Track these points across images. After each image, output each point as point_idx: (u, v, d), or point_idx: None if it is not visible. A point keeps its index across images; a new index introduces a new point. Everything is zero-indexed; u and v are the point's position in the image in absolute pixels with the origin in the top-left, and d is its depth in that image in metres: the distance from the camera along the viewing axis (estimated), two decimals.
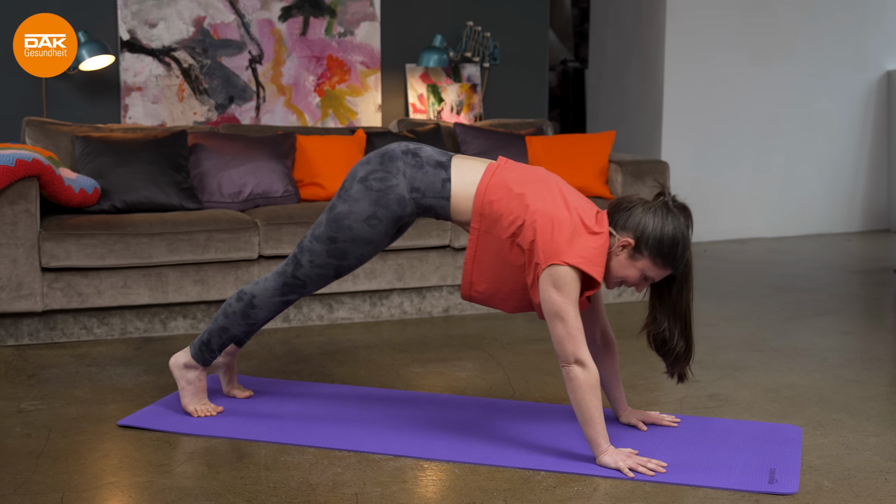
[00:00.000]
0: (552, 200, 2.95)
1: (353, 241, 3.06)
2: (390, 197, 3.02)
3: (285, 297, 3.22)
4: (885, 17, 7.45)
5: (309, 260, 3.12)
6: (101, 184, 4.54)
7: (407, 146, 3.09)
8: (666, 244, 2.90)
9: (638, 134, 7.28)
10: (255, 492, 2.74)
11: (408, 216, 3.07)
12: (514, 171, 3.03)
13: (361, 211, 3.03)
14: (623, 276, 2.97)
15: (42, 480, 2.80)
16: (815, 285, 5.61)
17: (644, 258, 2.93)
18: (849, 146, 7.47)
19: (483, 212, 2.98)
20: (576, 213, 2.94)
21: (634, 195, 3.03)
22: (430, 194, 3.02)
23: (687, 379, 3.13)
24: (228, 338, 3.29)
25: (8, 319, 4.24)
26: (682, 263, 2.94)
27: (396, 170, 3.03)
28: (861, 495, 2.76)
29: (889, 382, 3.85)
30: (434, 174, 3.02)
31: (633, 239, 2.92)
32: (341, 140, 5.15)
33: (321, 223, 3.10)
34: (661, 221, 2.91)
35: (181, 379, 3.33)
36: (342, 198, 3.06)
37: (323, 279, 3.16)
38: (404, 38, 6.09)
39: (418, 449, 3.06)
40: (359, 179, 3.05)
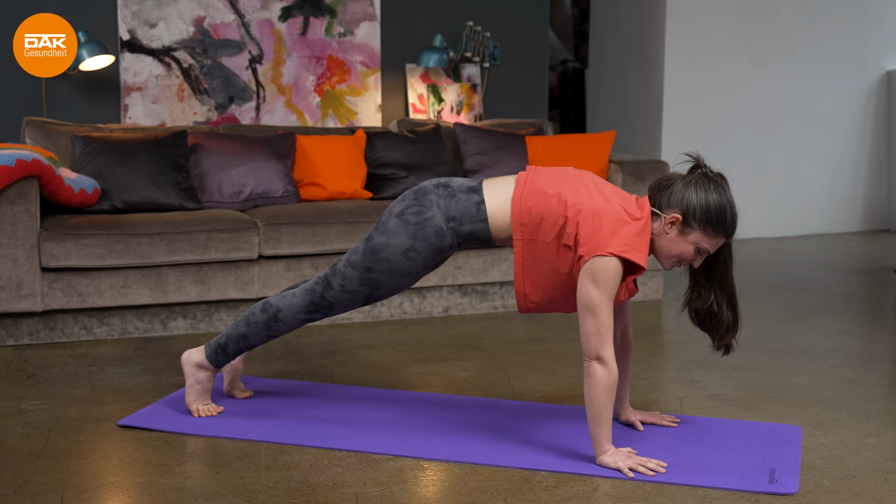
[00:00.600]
0: (588, 194, 2.96)
1: (389, 272, 3.07)
2: (427, 229, 3.03)
3: (310, 316, 3.21)
4: (885, 17, 7.45)
5: (340, 284, 3.13)
6: (101, 184, 4.54)
7: (438, 180, 3.12)
8: (714, 213, 2.92)
9: (638, 134, 7.28)
10: (255, 492, 2.74)
11: (447, 248, 3.07)
12: (544, 175, 3.05)
13: (399, 244, 3.04)
14: (677, 253, 2.98)
15: (42, 480, 2.80)
16: (815, 285, 5.61)
17: (695, 231, 2.94)
18: (849, 146, 7.47)
19: (522, 220, 2.99)
20: (615, 203, 2.95)
21: (672, 173, 3.04)
22: (466, 220, 3.03)
23: (732, 350, 3.14)
24: (246, 346, 3.27)
25: (8, 319, 4.24)
26: (733, 229, 2.96)
27: (430, 202, 3.05)
28: (861, 495, 2.76)
29: (889, 382, 3.85)
30: (467, 199, 3.04)
31: (679, 214, 2.93)
32: (341, 140, 5.15)
33: (358, 251, 3.10)
34: (704, 192, 2.93)
35: (191, 377, 3.32)
36: (380, 230, 3.07)
37: (351, 304, 3.16)
38: (404, 38, 6.09)
39: (418, 449, 3.06)
40: (395, 214, 3.07)
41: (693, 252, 2.97)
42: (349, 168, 5.03)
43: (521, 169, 5.28)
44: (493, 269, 4.93)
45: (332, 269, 3.15)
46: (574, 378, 3.84)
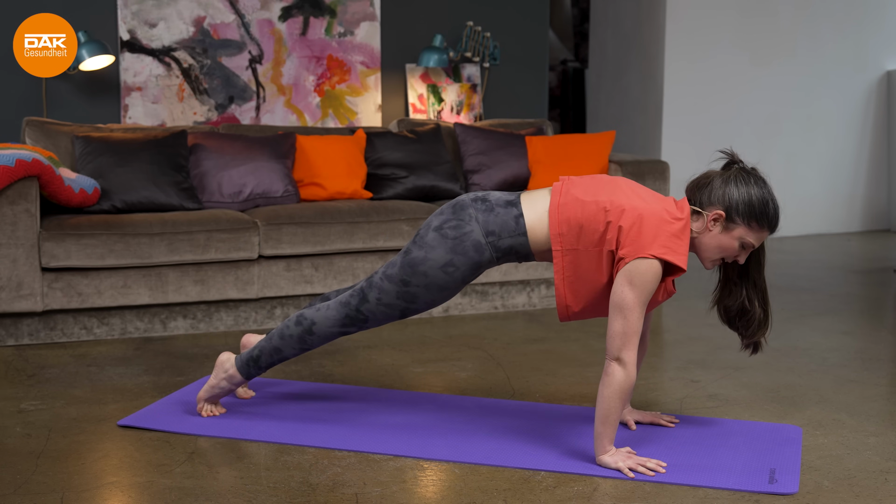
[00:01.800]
0: (626, 197, 2.96)
1: (426, 286, 3.06)
2: (466, 244, 3.02)
3: (345, 329, 3.19)
4: (885, 17, 7.45)
5: (377, 297, 3.11)
6: (101, 184, 4.54)
7: (476, 194, 3.11)
8: (757, 206, 2.93)
9: (638, 134, 7.28)
10: (255, 492, 2.74)
11: (486, 262, 3.06)
12: (579, 185, 3.04)
13: (438, 258, 3.03)
14: (722, 249, 2.97)
15: (42, 480, 2.80)
16: (815, 285, 5.61)
17: (739, 226, 2.94)
18: (849, 146, 7.47)
19: (561, 231, 2.97)
20: (655, 204, 2.95)
21: (709, 171, 3.04)
22: (505, 234, 3.02)
23: (761, 349, 3.16)
24: (279, 358, 3.25)
25: (8, 319, 4.24)
26: (777, 221, 2.96)
27: (469, 217, 3.04)
28: (861, 495, 2.76)
29: (889, 382, 3.85)
30: (506, 213, 3.03)
31: (722, 210, 2.93)
32: (341, 140, 5.15)
33: (395, 264, 3.09)
34: (746, 186, 2.94)
35: (219, 378, 3.28)
36: (417, 244, 3.06)
37: (386, 318, 3.15)
38: (404, 38, 6.09)
39: (418, 449, 3.06)
40: (434, 228, 3.06)
41: (738, 248, 2.97)
42: (349, 168, 5.03)
43: (521, 169, 5.28)
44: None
45: (369, 282, 3.14)
46: (574, 378, 3.85)
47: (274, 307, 4.62)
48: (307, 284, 4.62)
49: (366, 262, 4.71)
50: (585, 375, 3.85)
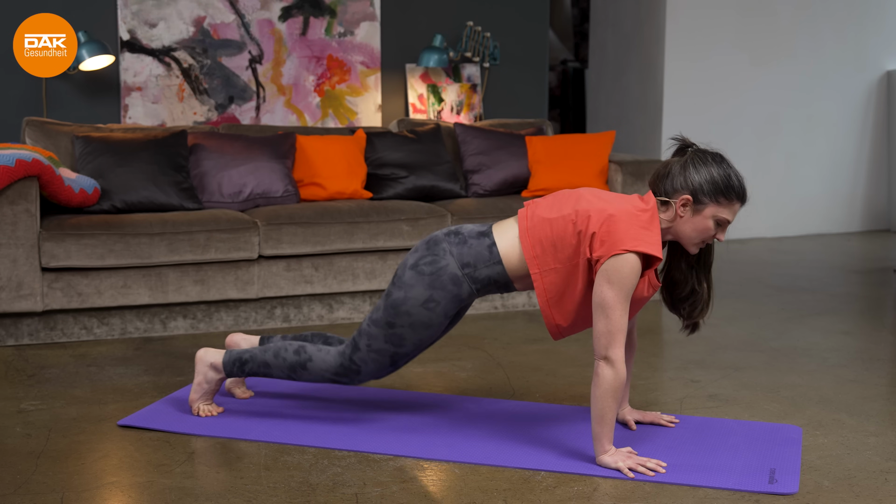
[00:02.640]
0: (589, 203, 2.98)
1: (411, 326, 3.08)
2: (444, 278, 3.05)
3: (337, 378, 3.20)
4: (885, 18, 7.45)
5: (367, 344, 3.13)
6: (101, 184, 4.54)
7: (448, 229, 3.14)
8: (720, 182, 2.94)
9: (638, 134, 7.28)
10: (255, 492, 2.74)
11: (466, 295, 3.08)
12: (543, 205, 3.08)
13: (418, 296, 3.05)
14: (699, 232, 2.98)
15: (42, 480, 2.80)
16: (815, 285, 5.61)
17: (708, 205, 2.95)
18: (849, 146, 7.47)
19: (535, 252, 3.00)
20: (619, 203, 2.97)
21: (666, 160, 3.06)
22: (481, 264, 3.05)
23: (699, 328, 3.17)
24: (264, 373, 3.26)
25: (8, 319, 4.24)
26: (744, 191, 2.97)
27: (443, 251, 3.07)
28: (861, 495, 2.77)
29: (889, 382, 3.85)
30: (478, 244, 3.06)
31: (688, 195, 2.95)
32: (341, 140, 5.14)
33: (379, 308, 3.11)
34: (704, 166, 2.96)
35: (201, 375, 3.30)
36: (396, 285, 3.08)
37: (378, 366, 3.15)
38: (404, 38, 6.09)
39: (418, 449, 3.06)
40: (410, 266, 3.08)
41: (713, 226, 2.98)
42: (349, 168, 5.03)
43: (521, 169, 5.28)
44: None
45: (358, 331, 3.16)
46: (574, 378, 3.85)
47: (274, 307, 4.63)
48: (307, 284, 4.62)
49: (366, 262, 4.71)
50: (585, 375, 3.85)
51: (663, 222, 3.00)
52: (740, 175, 2.99)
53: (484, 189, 5.26)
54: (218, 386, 3.34)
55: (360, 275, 4.71)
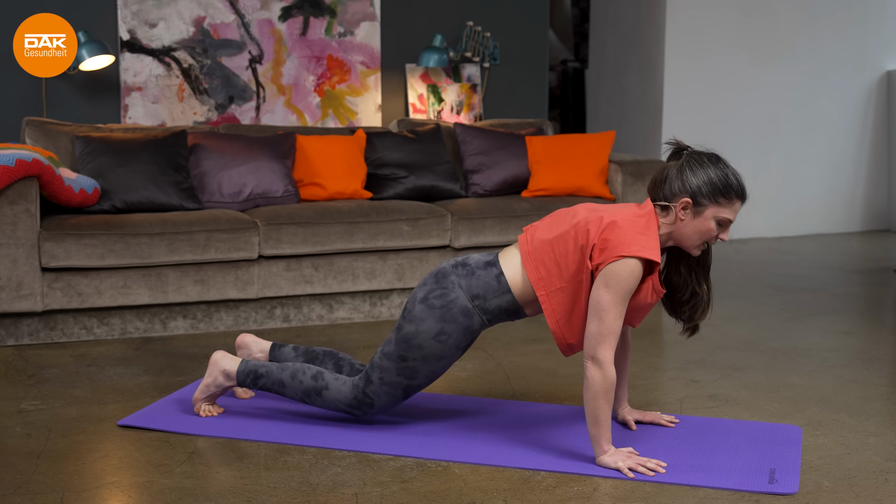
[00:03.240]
0: (585, 217, 2.99)
1: (424, 359, 3.09)
2: (454, 310, 3.05)
3: (350, 410, 3.21)
4: (885, 17, 7.45)
5: (379, 377, 3.14)
6: (101, 184, 4.54)
7: (455, 260, 3.15)
8: (719, 182, 2.94)
9: (638, 134, 7.28)
10: (255, 492, 2.74)
11: (477, 326, 3.09)
12: (541, 226, 3.09)
13: (429, 329, 3.06)
14: (700, 234, 2.98)
15: (42, 480, 2.80)
16: (815, 285, 5.61)
17: (708, 206, 2.95)
18: (849, 146, 7.47)
19: (540, 275, 3.01)
20: (615, 212, 2.98)
21: (662, 164, 3.06)
22: (490, 295, 3.06)
23: (698, 331, 3.18)
24: (278, 391, 3.26)
25: (8, 319, 4.24)
26: (743, 189, 2.97)
27: (452, 284, 3.07)
28: (861, 495, 2.77)
29: (889, 382, 3.85)
30: (486, 275, 3.07)
31: (688, 197, 2.95)
32: (341, 140, 5.14)
33: (390, 341, 3.12)
34: (701, 167, 2.96)
35: (211, 377, 3.30)
36: (407, 319, 3.09)
37: (390, 399, 3.16)
38: (404, 38, 6.09)
39: (418, 449, 3.06)
40: (420, 300, 3.08)
41: (715, 227, 2.98)
42: (349, 168, 5.03)
43: (521, 169, 5.28)
44: None
45: (370, 364, 3.16)
46: (574, 378, 3.85)
47: (274, 307, 4.63)
48: (307, 284, 4.62)
49: (366, 262, 4.71)
50: None
51: (664, 227, 2.99)
52: (738, 173, 2.99)
53: (484, 189, 5.26)
54: (224, 391, 3.34)
55: (360, 275, 4.71)
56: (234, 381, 3.28)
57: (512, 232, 4.92)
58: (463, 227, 4.85)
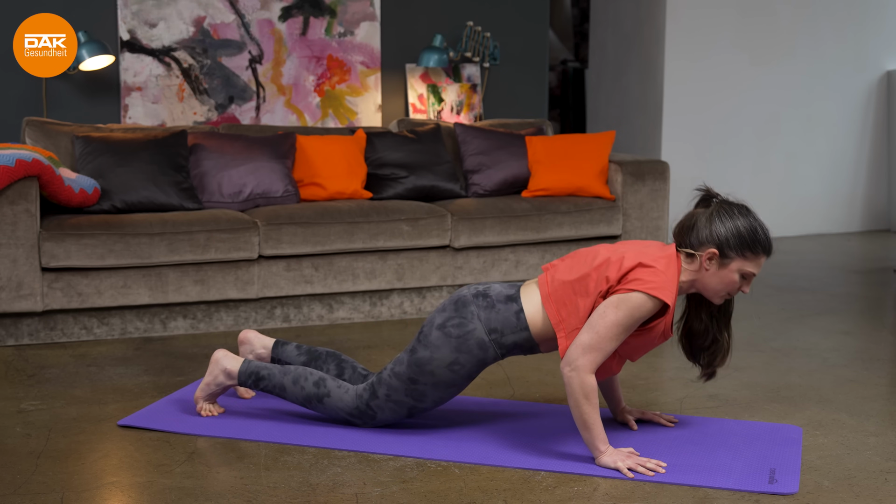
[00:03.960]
0: (606, 259, 2.98)
1: (434, 385, 3.09)
2: (470, 342, 3.04)
3: (351, 418, 3.21)
4: (885, 17, 7.44)
5: (385, 394, 3.13)
6: (101, 184, 4.54)
7: (476, 289, 3.11)
8: (747, 236, 2.93)
9: (638, 134, 7.28)
10: (255, 492, 2.74)
11: (491, 359, 3.08)
12: (561, 267, 3.07)
13: (443, 357, 3.05)
14: (724, 285, 2.97)
15: (42, 480, 2.80)
16: (815, 285, 5.61)
17: (734, 259, 2.94)
18: (849, 146, 7.47)
19: (561, 316, 3.00)
20: (639, 249, 2.96)
21: (691, 211, 3.04)
22: (508, 331, 3.04)
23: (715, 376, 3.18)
24: (278, 394, 3.26)
25: (8, 319, 4.24)
26: (770, 245, 2.96)
27: (471, 314, 3.05)
28: (861, 495, 2.77)
29: (889, 382, 3.85)
30: (506, 310, 3.04)
31: (714, 248, 2.93)
32: (341, 140, 5.14)
33: (402, 362, 3.11)
34: (730, 219, 2.94)
35: (212, 376, 3.30)
36: (423, 343, 3.08)
37: (394, 415, 3.17)
38: (404, 38, 6.09)
39: (418, 449, 3.06)
40: (437, 326, 3.07)
41: (739, 279, 2.97)
42: (349, 168, 5.03)
43: (521, 169, 5.28)
44: (493, 269, 4.93)
45: (378, 378, 3.15)
46: None
47: (274, 307, 4.63)
48: (307, 284, 4.62)
49: (366, 262, 4.71)
50: None
51: (687, 273, 2.98)
52: (766, 227, 2.97)
53: (484, 189, 5.25)
54: (225, 390, 3.34)
55: (360, 275, 4.71)
56: (236, 381, 3.28)
57: (512, 232, 4.92)
58: (463, 227, 4.85)
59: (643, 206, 5.16)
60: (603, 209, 5.08)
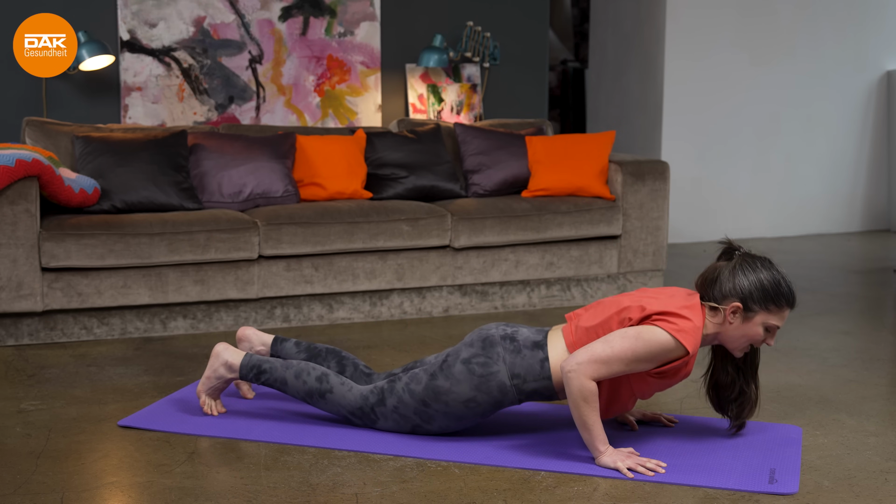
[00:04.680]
0: (629, 304, 2.98)
1: (445, 414, 3.09)
2: (492, 384, 3.03)
3: (352, 417, 3.20)
4: (885, 17, 7.44)
5: (394, 405, 3.13)
6: (101, 184, 4.54)
7: (504, 330, 3.10)
8: (770, 290, 2.95)
9: (638, 134, 7.28)
10: (255, 492, 2.74)
11: (508, 403, 3.08)
12: (584, 316, 3.07)
13: (462, 392, 3.05)
14: (748, 338, 2.99)
15: (42, 480, 2.80)
16: (815, 285, 5.61)
17: (758, 312, 2.96)
18: (849, 146, 7.47)
19: None
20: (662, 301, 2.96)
21: (714, 264, 3.05)
22: (530, 378, 3.03)
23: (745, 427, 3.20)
24: (279, 388, 3.25)
25: (8, 319, 4.24)
26: (793, 297, 2.98)
27: (497, 356, 3.04)
28: (861, 495, 2.77)
29: (889, 382, 3.86)
30: (532, 356, 3.03)
31: (738, 302, 2.94)
32: (341, 140, 5.14)
33: (420, 382, 3.10)
34: (754, 272, 2.96)
35: (212, 369, 3.29)
36: (444, 373, 3.07)
37: (397, 426, 3.16)
38: (404, 38, 6.09)
39: (418, 449, 3.06)
40: (462, 360, 3.06)
41: (763, 332, 2.98)
42: (349, 168, 5.03)
43: (521, 169, 5.28)
44: (493, 269, 4.93)
45: (391, 387, 3.14)
46: None
47: (274, 307, 4.63)
48: (307, 284, 4.63)
49: (366, 262, 4.71)
50: None
51: (711, 326, 2.99)
52: (789, 280, 2.99)
53: (484, 189, 5.25)
54: (227, 384, 3.33)
55: (360, 275, 4.71)
56: (237, 374, 3.27)
57: (512, 232, 4.92)
58: (463, 227, 4.85)
59: (643, 206, 5.17)
60: (603, 209, 5.08)
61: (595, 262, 5.10)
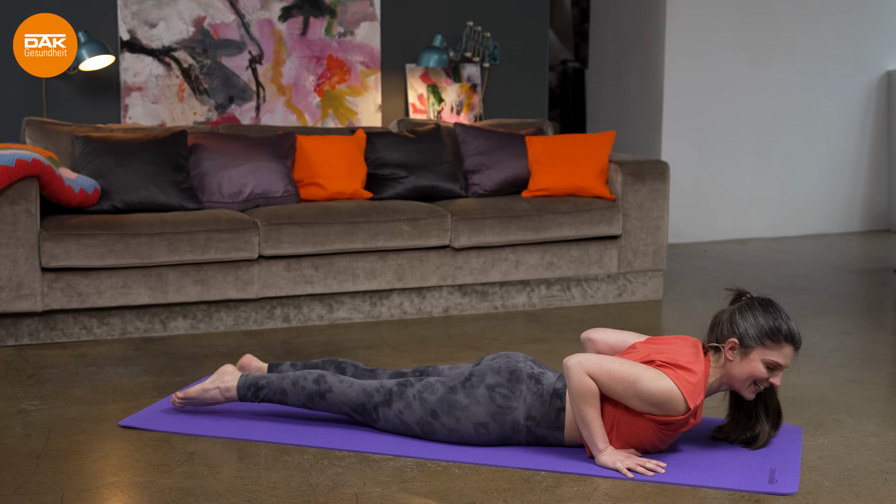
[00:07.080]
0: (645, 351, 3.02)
1: (451, 430, 3.08)
2: (507, 418, 3.04)
3: (354, 414, 3.20)
4: (885, 17, 7.44)
5: (400, 410, 3.13)
6: (101, 184, 4.54)
7: (533, 368, 3.11)
8: (765, 325, 2.98)
9: (638, 134, 7.28)
10: (255, 492, 2.74)
11: (515, 441, 3.08)
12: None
13: (477, 414, 3.05)
14: (748, 374, 2.99)
15: (42, 480, 2.80)
16: (815, 285, 5.61)
17: (755, 348, 2.98)
18: (849, 146, 7.47)
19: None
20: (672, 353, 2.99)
21: (721, 310, 3.09)
22: (543, 424, 3.04)
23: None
24: (280, 400, 3.25)
25: (8, 319, 4.24)
26: (793, 334, 2.99)
27: (519, 393, 3.05)
28: (861, 495, 2.77)
29: (889, 382, 3.86)
30: (551, 405, 3.04)
31: (735, 338, 2.98)
32: (341, 140, 5.14)
33: (435, 392, 3.10)
34: (750, 311, 3.01)
35: (214, 384, 3.29)
36: (466, 390, 3.07)
37: (396, 430, 3.16)
38: (404, 38, 6.09)
39: (418, 449, 3.06)
40: (486, 385, 3.06)
41: (765, 370, 2.98)
42: (349, 168, 5.03)
43: (521, 169, 5.27)
44: (492, 269, 4.93)
45: (401, 391, 3.14)
46: None
47: (274, 307, 4.63)
48: (307, 284, 4.63)
49: (366, 262, 4.71)
50: None
51: (715, 370, 3.02)
52: (790, 319, 3.01)
53: (484, 189, 5.25)
54: (213, 404, 3.32)
55: (360, 275, 4.71)
56: (233, 396, 3.27)
57: (512, 232, 4.92)
58: (463, 228, 4.85)
59: (643, 206, 5.16)
60: (603, 209, 5.08)
61: (595, 263, 5.10)
